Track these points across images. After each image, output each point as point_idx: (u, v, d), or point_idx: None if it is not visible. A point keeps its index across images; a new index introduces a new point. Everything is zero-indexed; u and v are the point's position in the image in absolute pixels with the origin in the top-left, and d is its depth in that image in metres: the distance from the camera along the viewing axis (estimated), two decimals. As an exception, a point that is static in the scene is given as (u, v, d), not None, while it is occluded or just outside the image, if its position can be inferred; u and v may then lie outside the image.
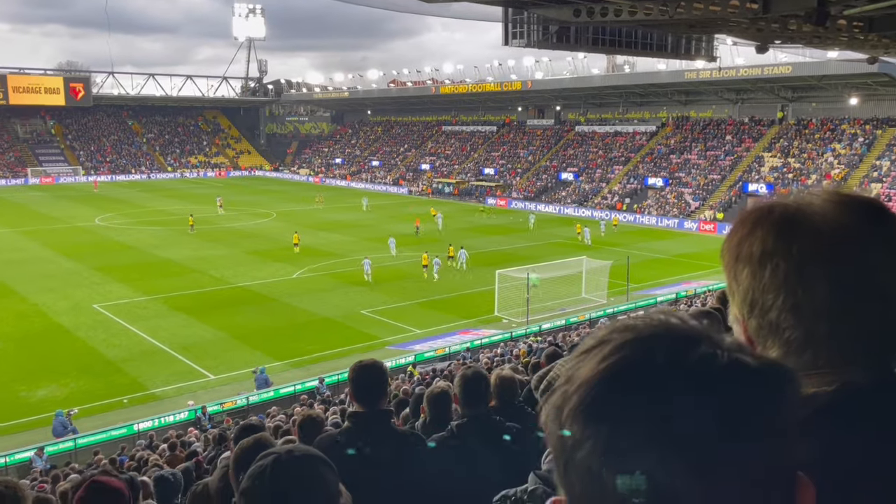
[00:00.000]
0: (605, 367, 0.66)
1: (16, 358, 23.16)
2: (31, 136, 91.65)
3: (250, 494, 1.50)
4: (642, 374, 0.65)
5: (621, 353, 0.67)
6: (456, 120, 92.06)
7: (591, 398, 0.65)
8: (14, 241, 43.05)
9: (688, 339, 0.68)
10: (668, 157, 65.44)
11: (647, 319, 0.70)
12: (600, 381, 0.65)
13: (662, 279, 34.96)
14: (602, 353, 0.67)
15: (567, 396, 0.67)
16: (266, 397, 20.15)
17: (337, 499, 1.61)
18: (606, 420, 0.64)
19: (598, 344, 0.69)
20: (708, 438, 0.61)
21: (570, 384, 0.67)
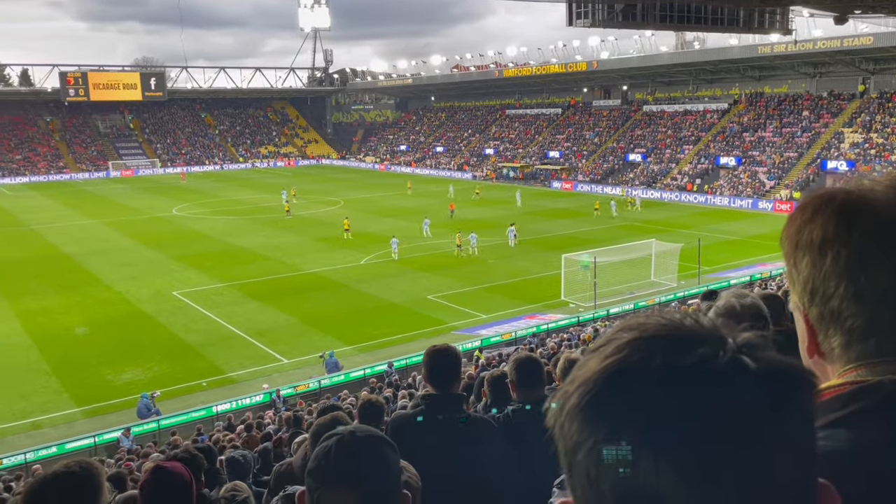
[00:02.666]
0: (603, 367, 0.65)
1: (102, 343, 24.42)
2: (111, 130, 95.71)
3: (316, 474, 1.57)
4: (638, 372, 0.63)
5: (622, 353, 0.65)
6: (520, 103, 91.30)
7: (589, 397, 0.64)
8: (99, 231, 45.20)
9: (690, 340, 0.65)
10: (741, 135, 63.27)
11: (657, 318, 0.69)
12: (598, 379, 0.64)
13: (736, 261, 33.98)
14: (605, 352, 0.66)
15: (567, 396, 0.66)
16: (337, 381, 20.65)
17: (399, 478, 1.66)
18: (603, 420, 0.62)
19: (604, 343, 0.68)
20: (695, 444, 0.59)
21: (572, 383, 0.66)
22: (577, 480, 0.64)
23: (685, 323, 0.68)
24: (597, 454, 0.62)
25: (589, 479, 0.62)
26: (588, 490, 0.63)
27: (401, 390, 15.78)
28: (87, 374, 21.87)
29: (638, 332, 0.67)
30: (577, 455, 0.63)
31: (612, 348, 0.66)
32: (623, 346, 0.66)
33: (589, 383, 0.64)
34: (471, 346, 22.98)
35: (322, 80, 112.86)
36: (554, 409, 0.67)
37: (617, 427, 0.61)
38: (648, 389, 0.62)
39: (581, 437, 0.63)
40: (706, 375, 0.62)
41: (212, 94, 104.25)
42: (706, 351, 0.64)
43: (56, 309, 28.08)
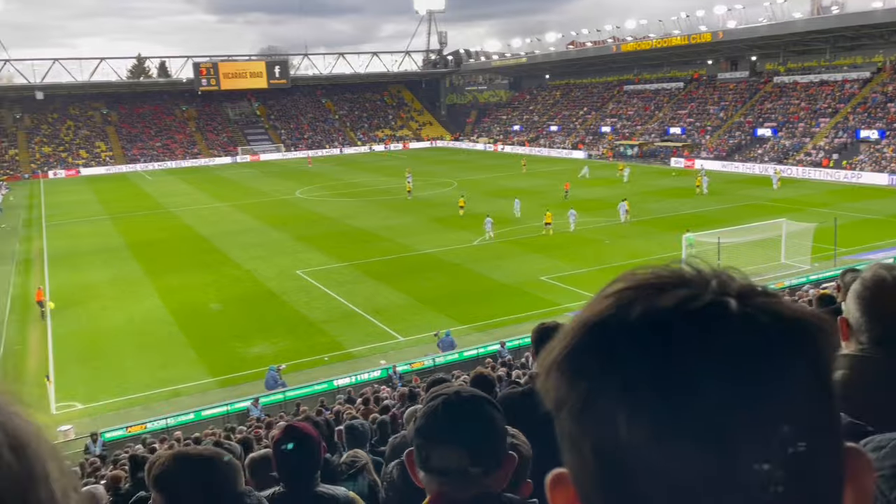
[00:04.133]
0: (584, 319, 0.60)
1: (234, 318, 25.97)
2: (240, 117, 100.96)
3: (423, 432, 1.64)
4: (616, 324, 0.58)
5: (605, 303, 0.60)
6: (639, 79, 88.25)
7: (569, 351, 0.59)
8: (230, 213, 47.95)
9: (673, 285, 0.59)
10: (885, 105, 58.22)
11: (651, 268, 0.63)
12: (579, 332, 0.59)
13: (877, 242, 31.47)
14: (592, 303, 0.62)
15: (550, 350, 0.61)
16: (451, 359, 20.95)
17: (504, 438, 1.70)
18: (583, 376, 0.57)
19: (594, 296, 0.63)
20: (667, 396, 0.53)
21: (556, 339, 0.61)
22: (562, 443, 0.60)
23: (675, 270, 0.62)
24: (577, 412, 0.57)
25: (571, 439, 0.58)
26: (572, 450, 0.58)
27: (514, 370, 15.80)
28: (221, 347, 23.35)
29: (626, 282, 0.62)
30: (560, 414, 0.59)
31: (597, 299, 0.61)
32: (609, 295, 0.61)
33: (568, 336, 0.60)
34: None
35: (436, 63, 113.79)
36: (539, 366, 0.62)
37: (595, 382, 0.56)
38: (624, 339, 0.56)
39: (561, 393, 0.58)
40: (681, 319, 0.56)
41: (331, 80, 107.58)
42: (684, 293, 0.58)
43: (192, 286, 30.10)
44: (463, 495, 1.62)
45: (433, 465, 1.62)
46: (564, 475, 0.61)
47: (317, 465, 3.06)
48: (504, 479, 1.68)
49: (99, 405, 19.81)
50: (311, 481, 3.05)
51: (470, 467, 1.60)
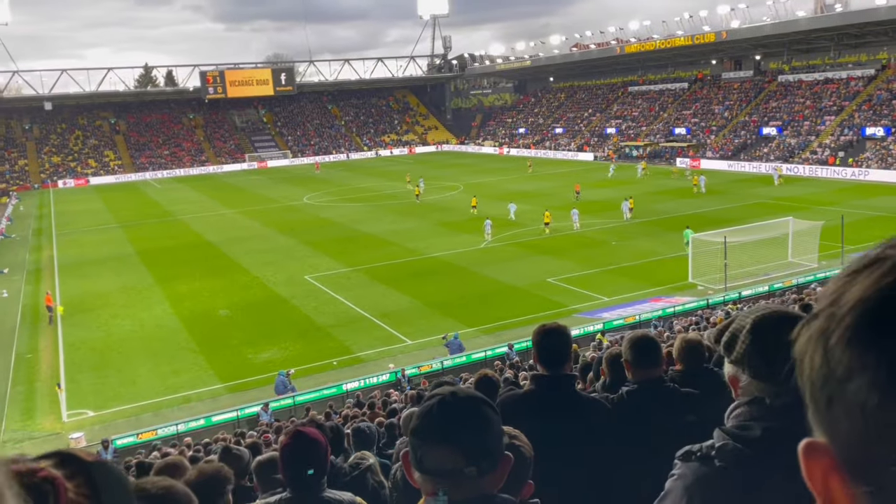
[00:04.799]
0: (888, 283, 0.56)
1: (243, 324, 26.15)
2: (246, 124, 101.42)
3: (418, 432, 1.64)
4: None
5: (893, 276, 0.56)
6: (643, 79, 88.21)
7: (871, 319, 0.55)
8: (238, 220, 48.22)
9: None
10: (891, 102, 58.02)
11: None
12: (884, 298, 0.55)
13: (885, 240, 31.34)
14: (881, 270, 0.57)
15: (838, 318, 0.57)
16: (459, 362, 21.05)
17: (500, 438, 1.68)
18: (890, 346, 0.54)
19: (872, 262, 0.59)
20: None
21: (840, 306, 0.57)
22: (842, 412, 0.57)
23: None
24: (883, 382, 0.53)
25: (864, 408, 0.55)
26: (860, 421, 0.55)
27: (521, 372, 15.89)
28: (230, 352, 23.52)
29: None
30: (849, 384, 0.56)
31: (889, 265, 0.57)
32: (890, 270, 0.57)
33: (870, 302, 0.56)
34: (593, 329, 22.72)
35: (441, 67, 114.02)
36: (815, 335, 0.60)
37: None
38: None
39: (857, 362, 0.55)
40: None
41: (337, 87, 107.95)
42: None
43: (202, 293, 30.31)
44: (458, 496, 1.60)
45: (428, 466, 1.60)
46: (819, 444, 0.59)
47: (323, 471, 3.08)
48: (500, 480, 1.66)
49: (110, 412, 20.00)
50: (318, 486, 3.06)
51: (464, 468, 1.58)
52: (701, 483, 1.88)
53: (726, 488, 1.83)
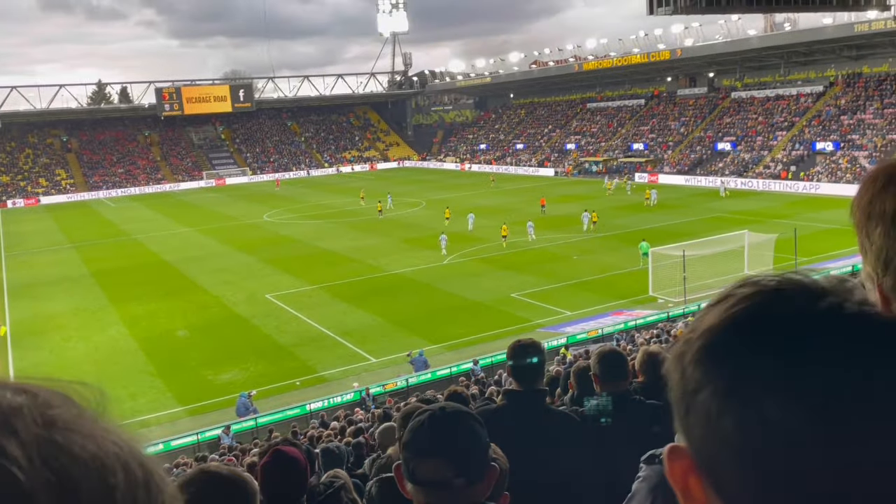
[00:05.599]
0: (729, 315, 0.67)
1: (202, 345, 25.61)
2: (204, 142, 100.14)
3: (410, 446, 1.73)
4: (767, 320, 0.65)
5: (747, 302, 0.67)
6: (601, 96, 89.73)
7: (714, 343, 0.66)
8: (195, 239, 47.40)
9: (814, 290, 0.67)
10: (839, 118, 60.03)
11: (772, 276, 0.71)
12: (725, 327, 0.66)
13: (836, 251, 32.26)
14: (728, 303, 0.68)
15: (690, 342, 0.69)
16: (424, 379, 20.91)
17: (487, 451, 1.77)
18: (728, 364, 0.64)
19: (724, 297, 0.70)
20: (833, 385, 0.60)
21: (694, 332, 0.69)
22: (696, 421, 0.66)
23: (804, 279, 0.69)
24: (722, 394, 0.64)
25: (709, 417, 0.64)
26: (707, 428, 0.65)
27: (489, 387, 15.84)
28: (189, 374, 22.98)
29: (759, 287, 0.69)
30: (698, 396, 0.66)
31: (735, 300, 0.68)
32: (748, 296, 0.68)
33: (715, 329, 0.67)
34: (557, 343, 22.80)
35: (402, 84, 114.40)
36: (672, 357, 0.71)
37: (744, 369, 0.63)
38: (779, 335, 0.63)
39: (704, 379, 0.66)
40: (837, 322, 0.63)
41: (297, 103, 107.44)
42: (834, 300, 0.65)
43: (159, 314, 29.63)
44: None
45: (420, 477, 1.69)
46: (681, 448, 0.69)
47: (302, 490, 3.06)
48: (487, 490, 1.76)
49: (64, 438, 19.30)
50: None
51: (454, 479, 1.68)
52: (664, 484, 1.98)
53: None
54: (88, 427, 0.55)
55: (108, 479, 0.53)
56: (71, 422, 0.54)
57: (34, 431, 0.52)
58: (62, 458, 0.51)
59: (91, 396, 0.58)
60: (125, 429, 0.58)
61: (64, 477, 0.51)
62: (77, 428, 0.54)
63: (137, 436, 0.58)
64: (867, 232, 1.05)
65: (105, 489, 0.52)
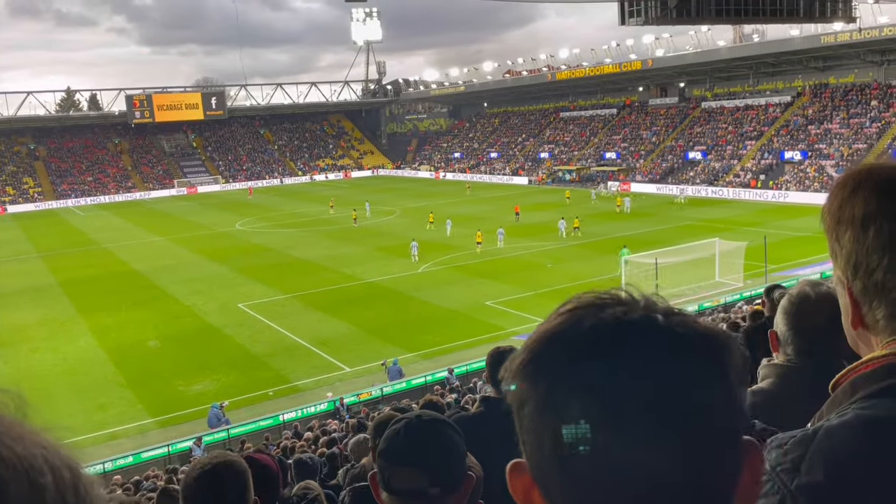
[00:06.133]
0: (544, 331, 0.72)
1: (173, 356, 25.22)
2: (175, 149, 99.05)
3: (386, 455, 1.71)
4: (570, 335, 0.70)
5: (559, 319, 0.73)
6: (574, 105, 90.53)
7: (531, 358, 0.71)
8: (167, 248, 46.79)
9: (620, 305, 0.72)
10: (806, 128, 61.23)
11: (595, 291, 0.76)
12: (539, 342, 0.71)
13: (805, 258, 32.81)
14: (549, 319, 0.74)
15: (514, 359, 0.73)
16: (399, 388, 20.80)
17: (464, 460, 1.76)
18: (542, 378, 0.69)
19: (551, 314, 0.75)
20: (622, 397, 0.64)
21: (520, 349, 0.74)
22: (524, 433, 0.71)
23: (614, 293, 0.75)
24: (539, 409, 0.68)
25: (532, 431, 0.69)
26: (532, 442, 0.69)
27: (465, 395, 15.81)
28: (160, 385, 22.61)
29: (575, 303, 0.74)
30: (523, 411, 0.71)
31: (553, 316, 0.74)
32: (562, 313, 0.73)
33: (532, 345, 0.72)
34: (532, 351, 22.81)
35: (376, 92, 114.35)
36: (505, 372, 0.75)
37: (554, 384, 0.68)
38: (576, 349, 0.69)
39: (526, 395, 0.70)
40: (620, 330, 0.69)
41: (270, 111, 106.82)
42: (622, 310, 0.71)
43: (129, 324, 29.15)
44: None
45: (394, 487, 1.68)
46: (522, 463, 0.72)
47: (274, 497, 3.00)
48: (463, 500, 1.75)
49: (30, 452, 18.85)
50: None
51: (429, 488, 1.66)
52: None
53: None
54: (15, 430, 0.54)
55: (38, 481, 0.52)
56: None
57: None
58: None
59: (10, 402, 0.57)
60: (49, 433, 0.56)
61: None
62: (2, 430, 0.53)
63: (62, 441, 0.57)
64: (837, 237, 1.06)
65: (34, 491, 0.51)
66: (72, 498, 0.54)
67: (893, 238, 1.00)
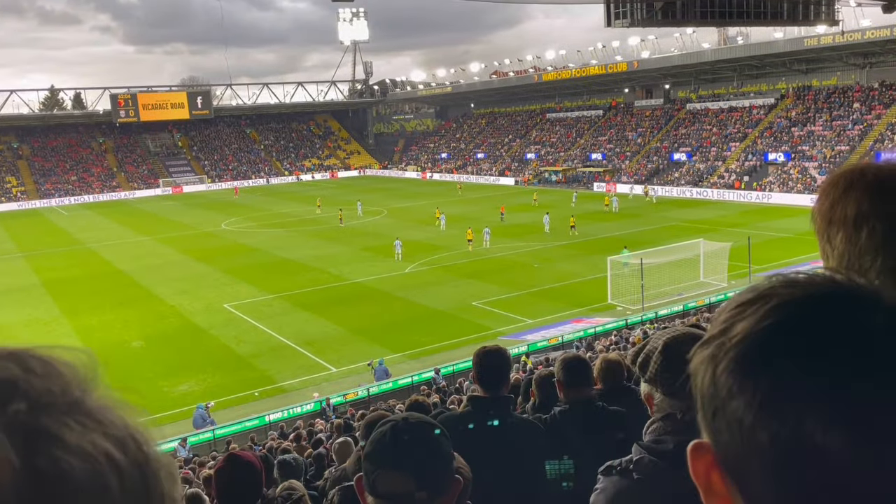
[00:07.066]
0: (770, 322, 0.63)
1: (158, 356, 25.09)
2: (160, 149, 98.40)
3: (371, 458, 1.68)
4: (812, 330, 0.61)
5: (791, 308, 0.63)
6: (560, 107, 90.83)
7: (753, 351, 0.63)
8: (152, 248, 46.49)
9: (870, 298, 0.63)
10: (790, 130, 61.80)
11: (812, 276, 0.67)
12: (765, 334, 0.63)
13: (788, 259, 33.15)
14: (767, 307, 0.64)
15: (726, 348, 0.65)
16: (385, 388, 20.81)
17: (452, 463, 1.73)
18: (766, 375, 0.61)
19: (761, 297, 0.66)
20: (876, 405, 0.57)
21: (729, 336, 0.65)
22: (724, 425, 0.64)
23: (854, 282, 0.65)
24: (757, 406, 0.61)
25: (741, 425, 0.62)
26: (737, 435, 0.63)
27: (450, 396, 15.86)
28: (144, 386, 22.45)
29: (801, 290, 0.65)
30: (731, 403, 0.63)
31: (774, 304, 0.64)
32: (793, 300, 0.64)
33: (753, 336, 0.63)
34: (517, 351, 22.94)
35: (363, 92, 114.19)
36: (705, 360, 0.67)
37: (783, 383, 0.60)
38: (822, 349, 0.60)
39: (739, 388, 0.63)
40: (885, 340, 0.60)
41: (256, 110, 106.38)
42: (883, 317, 0.62)
43: (113, 324, 28.96)
44: None
45: (380, 490, 1.64)
46: (705, 444, 0.67)
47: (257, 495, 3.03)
48: (450, 503, 1.71)
49: (13, 454, 18.71)
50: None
51: (416, 492, 1.63)
52: (621, 495, 2.04)
53: (644, 499, 2.00)
54: (85, 407, 0.52)
55: (100, 480, 0.49)
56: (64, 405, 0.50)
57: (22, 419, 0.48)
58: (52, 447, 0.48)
59: (80, 364, 0.55)
60: (124, 409, 0.53)
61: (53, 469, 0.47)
62: (70, 407, 0.51)
63: (136, 418, 0.53)
64: (828, 237, 1.06)
65: (96, 486, 0.49)
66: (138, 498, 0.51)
67: (886, 239, 0.99)
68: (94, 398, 0.52)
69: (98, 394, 0.53)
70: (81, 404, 0.51)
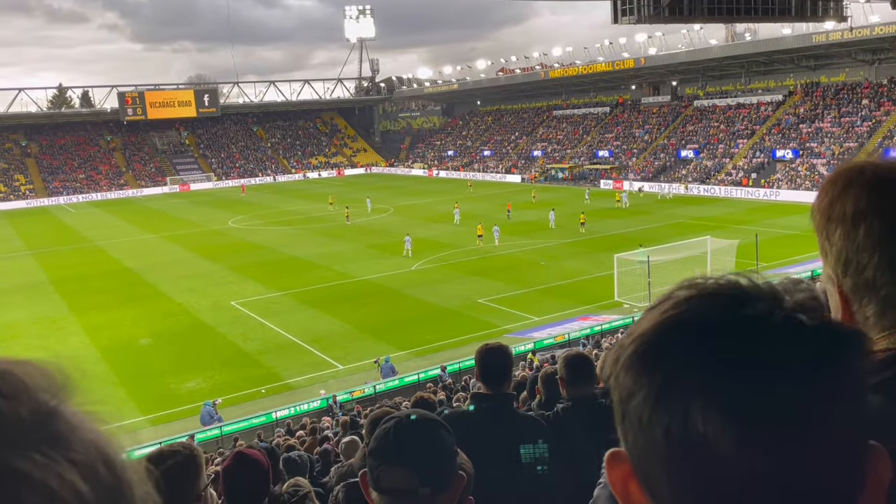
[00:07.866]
0: (661, 320, 0.66)
1: (166, 353, 25.19)
2: (168, 147, 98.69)
3: (376, 454, 1.69)
4: (696, 326, 0.64)
5: (680, 308, 0.67)
6: (567, 104, 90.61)
7: (645, 348, 0.66)
8: (159, 245, 46.65)
9: (747, 296, 0.66)
10: (798, 126, 61.48)
11: (714, 279, 0.70)
12: (655, 332, 0.66)
13: (796, 256, 32.98)
14: (663, 307, 0.68)
15: (623, 347, 0.68)
16: (391, 385, 20.84)
17: (455, 459, 1.75)
18: (658, 370, 0.64)
19: (662, 300, 0.69)
20: (750, 393, 0.60)
21: (629, 336, 0.68)
22: (629, 426, 0.66)
23: (741, 282, 0.69)
24: (652, 401, 0.63)
25: (640, 423, 0.64)
26: (639, 434, 0.64)
27: (457, 393, 15.87)
28: (152, 383, 22.58)
29: (696, 290, 0.68)
30: (631, 402, 0.65)
31: (670, 304, 0.68)
32: (681, 301, 0.67)
33: (647, 335, 0.66)
34: (524, 348, 22.93)
35: (369, 90, 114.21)
36: (609, 361, 0.70)
37: (671, 376, 0.63)
38: (705, 341, 0.63)
39: (635, 386, 0.65)
40: (762, 330, 0.63)
41: (263, 108, 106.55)
42: (763, 307, 0.65)
43: (121, 322, 29.08)
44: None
45: (384, 486, 1.66)
46: (622, 453, 0.68)
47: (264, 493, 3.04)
48: (454, 499, 1.73)
49: (22, 450, 18.82)
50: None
51: (419, 488, 1.65)
52: None
53: None
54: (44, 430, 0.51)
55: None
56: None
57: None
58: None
59: (49, 380, 0.55)
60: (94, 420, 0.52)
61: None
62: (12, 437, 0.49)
63: (106, 432, 0.53)
64: (827, 234, 1.07)
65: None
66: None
67: (884, 236, 1.00)
68: (65, 417, 0.50)
69: (69, 411, 0.52)
70: (49, 426, 0.49)
